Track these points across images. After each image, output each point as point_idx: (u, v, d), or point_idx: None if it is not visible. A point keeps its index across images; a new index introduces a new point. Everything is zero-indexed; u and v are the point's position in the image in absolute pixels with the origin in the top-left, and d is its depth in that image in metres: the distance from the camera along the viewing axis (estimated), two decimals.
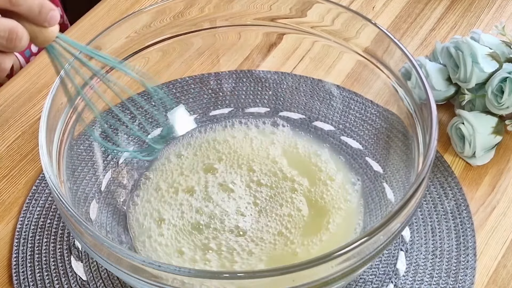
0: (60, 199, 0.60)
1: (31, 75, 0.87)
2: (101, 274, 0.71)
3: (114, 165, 0.76)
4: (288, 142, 0.78)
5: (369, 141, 0.77)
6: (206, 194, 0.74)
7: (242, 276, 0.56)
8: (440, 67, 0.80)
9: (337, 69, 0.81)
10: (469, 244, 0.72)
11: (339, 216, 0.72)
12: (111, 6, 0.95)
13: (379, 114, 0.76)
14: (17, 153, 0.81)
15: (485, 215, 0.75)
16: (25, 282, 0.71)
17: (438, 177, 0.77)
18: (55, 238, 0.73)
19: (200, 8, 0.75)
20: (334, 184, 0.75)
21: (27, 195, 0.77)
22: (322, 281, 0.57)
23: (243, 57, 0.83)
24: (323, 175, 0.75)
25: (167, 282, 0.57)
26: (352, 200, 0.74)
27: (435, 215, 0.74)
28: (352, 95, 0.80)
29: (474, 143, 0.77)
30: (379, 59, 0.72)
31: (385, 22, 0.92)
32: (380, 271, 0.71)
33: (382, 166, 0.74)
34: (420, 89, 0.65)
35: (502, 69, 0.76)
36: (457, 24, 0.92)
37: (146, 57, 0.76)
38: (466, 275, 0.70)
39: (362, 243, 0.56)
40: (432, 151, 0.61)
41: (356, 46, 0.73)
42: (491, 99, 0.76)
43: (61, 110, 0.67)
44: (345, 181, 0.75)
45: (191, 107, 0.81)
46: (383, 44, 0.70)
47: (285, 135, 0.79)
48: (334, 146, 0.78)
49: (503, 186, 0.77)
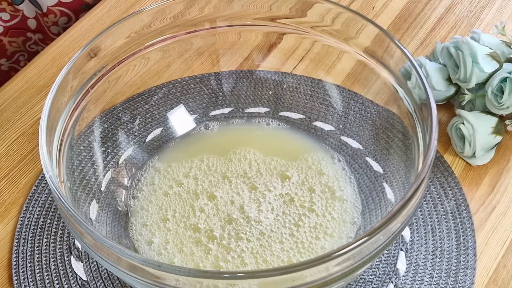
0: (60, 199, 0.60)
1: (31, 75, 0.88)
2: (101, 274, 0.71)
3: (114, 165, 0.76)
4: (288, 142, 0.78)
5: (369, 141, 0.77)
6: (208, 193, 0.74)
7: (242, 276, 0.56)
8: (440, 67, 0.80)
9: (337, 69, 0.81)
10: (469, 244, 0.72)
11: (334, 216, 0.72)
12: (111, 6, 0.95)
13: (379, 114, 0.76)
14: (17, 153, 0.81)
15: (485, 215, 0.75)
16: (25, 282, 0.71)
17: (438, 177, 0.77)
18: (55, 238, 0.73)
19: (200, 8, 0.75)
20: (333, 187, 0.75)
21: (27, 195, 0.77)
22: (322, 281, 0.57)
23: (243, 57, 0.83)
24: (310, 160, 0.75)
25: (167, 282, 0.57)
26: (348, 200, 0.74)
27: (435, 215, 0.74)
28: (352, 95, 0.80)
29: (474, 143, 0.77)
30: (379, 59, 0.72)
31: (385, 22, 0.92)
32: (380, 271, 0.71)
33: (382, 166, 0.74)
34: (420, 89, 0.65)
35: (502, 69, 0.76)
36: (457, 24, 0.92)
37: (146, 57, 0.76)
38: (466, 275, 0.70)
39: (362, 243, 0.56)
40: (432, 151, 0.61)
41: (356, 46, 0.73)
42: (491, 99, 0.76)
43: (61, 110, 0.67)
44: (341, 179, 0.75)
45: (191, 107, 0.81)
46: (383, 44, 0.70)
47: (285, 135, 0.79)
48: (334, 146, 0.78)
49: (503, 186, 0.77)
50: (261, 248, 0.70)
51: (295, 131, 0.79)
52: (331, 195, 0.73)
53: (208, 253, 0.70)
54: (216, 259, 0.70)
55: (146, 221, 0.73)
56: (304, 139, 0.79)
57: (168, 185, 0.75)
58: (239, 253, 0.70)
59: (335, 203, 0.73)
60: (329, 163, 0.76)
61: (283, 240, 0.70)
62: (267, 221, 0.72)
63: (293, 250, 0.70)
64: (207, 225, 0.72)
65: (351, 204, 0.73)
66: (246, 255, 0.70)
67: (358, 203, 0.73)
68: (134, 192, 0.75)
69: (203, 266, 0.69)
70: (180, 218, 0.73)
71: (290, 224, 0.71)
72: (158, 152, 0.78)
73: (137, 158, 0.77)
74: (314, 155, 0.77)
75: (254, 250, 0.70)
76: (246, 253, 0.70)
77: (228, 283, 0.56)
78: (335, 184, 0.74)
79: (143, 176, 0.76)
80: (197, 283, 0.56)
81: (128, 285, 0.70)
